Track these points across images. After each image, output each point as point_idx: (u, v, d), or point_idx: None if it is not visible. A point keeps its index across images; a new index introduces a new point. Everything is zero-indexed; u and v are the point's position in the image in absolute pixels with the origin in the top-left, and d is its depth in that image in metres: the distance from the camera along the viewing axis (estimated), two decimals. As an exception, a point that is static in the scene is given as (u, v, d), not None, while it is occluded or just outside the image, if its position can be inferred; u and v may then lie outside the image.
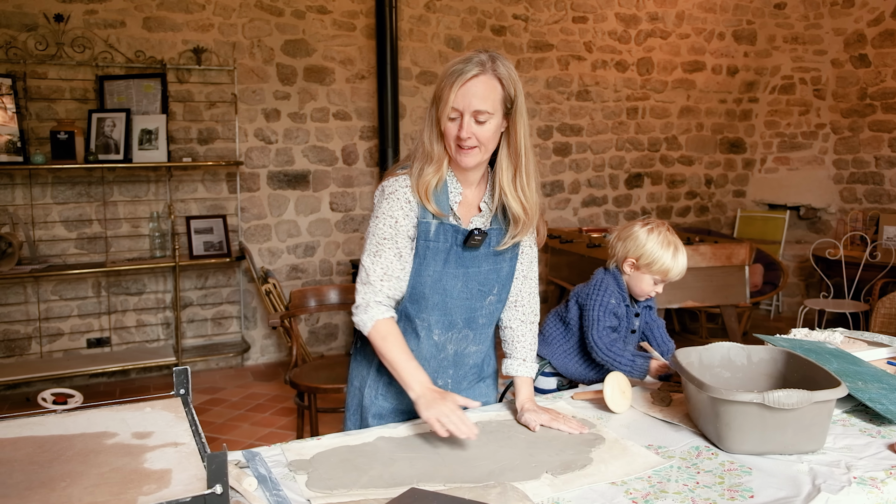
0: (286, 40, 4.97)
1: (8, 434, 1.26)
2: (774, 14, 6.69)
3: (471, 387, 1.86)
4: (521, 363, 1.82)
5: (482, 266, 1.70)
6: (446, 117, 1.57)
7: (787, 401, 1.46)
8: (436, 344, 1.74)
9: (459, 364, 1.79)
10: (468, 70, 1.55)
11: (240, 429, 3.91)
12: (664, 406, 1.83)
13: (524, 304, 1.83)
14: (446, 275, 1.67)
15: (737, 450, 1.53)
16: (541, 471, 1.44)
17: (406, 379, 1.61)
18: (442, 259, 1.66)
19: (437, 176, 1.64)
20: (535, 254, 1.83)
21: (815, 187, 6.75)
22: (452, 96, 1.55)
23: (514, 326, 1.83)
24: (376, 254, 1.65)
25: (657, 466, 1.47)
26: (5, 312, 4.43)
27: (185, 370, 1.47)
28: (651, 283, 2.05)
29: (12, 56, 4.24)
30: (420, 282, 1.66)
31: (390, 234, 1.64)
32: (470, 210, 1.71)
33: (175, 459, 1.16)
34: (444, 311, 1.70)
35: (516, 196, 1.65)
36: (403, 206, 1.64)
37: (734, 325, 4.58)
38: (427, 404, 1.54)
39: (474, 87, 1.55)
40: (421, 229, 1.64)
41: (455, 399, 1.55)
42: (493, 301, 1.75)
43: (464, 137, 1.56)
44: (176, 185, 4.75)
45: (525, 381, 1.80)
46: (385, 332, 1.64)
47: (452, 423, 1.49)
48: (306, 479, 1.41)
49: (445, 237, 1.65)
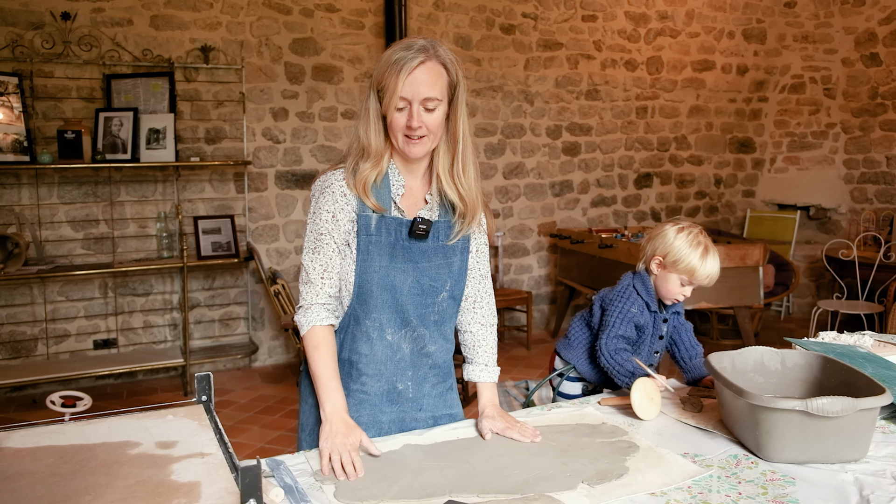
0: (294, 39, 4.93)
1: (26, 443, 1.22)
2: (784, 13, 6.63)
3: (440, 394, 1.74)
4: (484, 368, 1.74)
5: (432, 260, 1.62)
6: (394, 108, 1.50)
7: (831, 408, 1.41)
8: (390, 345, 1.64)
9: (418, 365, 1.68)
10: (413, 57, 1.49)
11: (249, 431, 3.86)
12: (695, 412, 1.78)
13: (483, 306, 1.75)
14: (394, 269, 1.59)
15: (777, 458, 1.48)
16: (576, 481, 1.39)
17: (322, 397, 1.54)
18: (388, 253, 1.58)
19: (375, 171, 1.57)
20: (487, 252, 1.76)
21: (826, 187, 6.69)
22: (400, 85, 1.48)
23: (475, 330, 1.75)
24: (315, 250, 1.59)
25: (696, 476, 1.42)
26: (12, 313, 4.38)
27: (206, 376, 1.43)
28: (678, 285, 1.97)
29: (19, 55, 4.20)
30: (366, 279, 1.58)
31: (328, 230, 1.58)
32: (415, 203, 1.64)
33: (203, 471, 1.11)
34: (394, 308, 1.61)
35: (453, 184, 1.60)
36: (338, 199, 1.57)
37: (748, 326, 4.53)
38: (328, 434, 1.46)
39: (422, 75, 1.49)
40: (361, 223, 1.57)
41: (358, 438, 1.47)
42: (445, 297, 1.66)
43: (415, 127, 1.50)
44: (183, 184, 4.70)
45: (487, 386, 1.73)
46: (318, 342, 1.57)
47: (337, 463, 1.40)
48: (334, 489, 1.36)
49: (388, 230, 1.58)
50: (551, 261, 6.01)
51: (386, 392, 1.67)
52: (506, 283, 5.82)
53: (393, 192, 1.60)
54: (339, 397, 1.55)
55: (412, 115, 1.50)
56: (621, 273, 2.12)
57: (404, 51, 1.50)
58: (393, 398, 1.68)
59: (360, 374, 1.65)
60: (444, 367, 1.74)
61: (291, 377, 4.77)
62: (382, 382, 1.66)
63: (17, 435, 1.25)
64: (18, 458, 1.15)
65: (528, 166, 5.84)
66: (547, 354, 5.32)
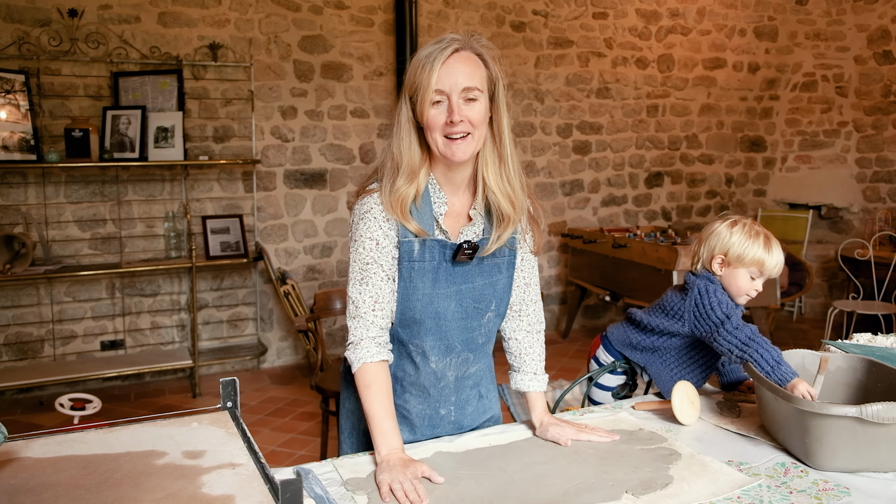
0: (303, 36, 4.86)
1: (47, 453, 1.15)
2: (796, 10, 6.57)
3: (478, 410, 1.68)
4: (533, 377, 1.66)
5: (476, 281, 1.52)
6: (429, 103, 1.38)
7: (887, 415, 1.35)
8: (433, 372, 1.56)
9: (461, 389, 1.62)
10: (446, 47, 1.39)
11: (261, 434, 3.79)
12: (734, 417, 1.72)
13: (529, 314, 1.66)
14: (437, 296, 1.49)
15: (828, 467, 1.42)
16: (620, 491, 1.33)
17: (377, 439, 1.43)
18: (430, 279, 1.48)
19: (412, 187, 1.44)
20: (534, 260, 1.66)
21: (838, 186, 6.62)
22: (434, 77, 1.37)
23: (520, 338, 1.66)
24: (363, 281, 1.47)
25: (745, 486, 1.36)
26: (18, 314, 4.32)
27: (232, 381, 1.36)
28: (748, 280, 1.83)
29: (25, 52, 4.14)
30: (409, 306, 1.49)
31: (374, 258, 1.46)
32: (458, 220, 1.52)
33: (236, 483, 1.05)
34: (438, 335, 1.52)
35: (504, 190, 1.48)
36: (382, 224, 1.46)
37: (765, 327, 4.46)
38: (386, 468, 1.36)
39: (457, 64, 1.39)
40: (404, 249, 1.46)
41: (419, 470, 1.36)
42: (491, 318, 1.58)
43: (456, 121, 1.38)
44: (192, 183, 4.64)
45: (538, 396, 1.65)
46: (370, 380, 1.46)
47: (400, 491, 1.30)
48: (366, 500, 1.30)
49: (432, 255, 1.47)
50: (562, 261, 5.94)
51: (428, 417, 1.61)
52: (516, 284, 5.75)
53: (435, 211, 1.49)
54: (396, 438, 1.44)
55: (452, 109, 1.38)
56: (635, 273, 2.01)
57: (435, 45, 1.41)
58: (434, 423, 1.62)
59: (403, 391, 1.59)
60: (483, 384, 1.68)
61: (301, 379, 4.70)
62: (425, 406, 1.60)
63: (37, 444, 1.19)
64: (40, 468, 1.09)
65: (539, 165, 5.77)
66: (558, 355, 5.25)
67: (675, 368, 1.90)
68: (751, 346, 1.65)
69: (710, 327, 1.78)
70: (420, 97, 1.40)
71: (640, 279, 4.64)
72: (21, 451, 1.16)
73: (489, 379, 1.72)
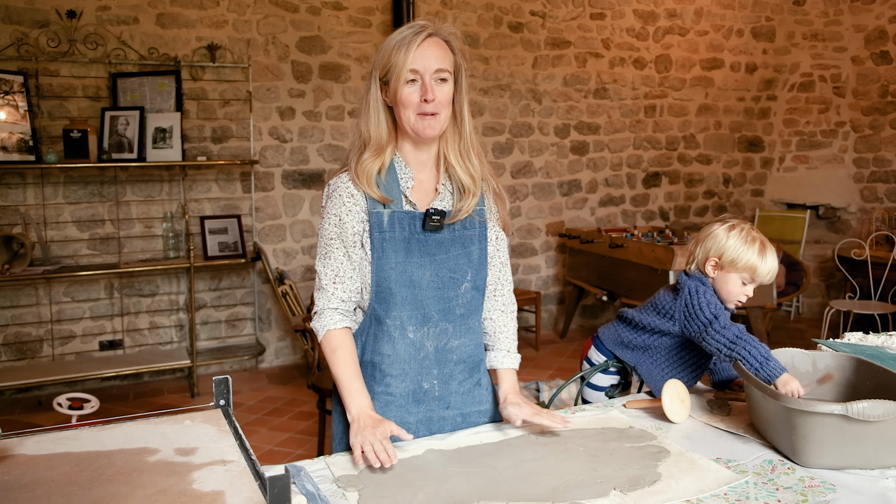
0: (301, 37, 4.88)
1: (41, 450, 1.17)
2: (794, 11, 6.58)
3: (468, 391, 1.68)
4: (506, 354, 1.73)
5: (450, 251, 1.60)
6: (404, 82, 1.49)
7: (872, 412, 1.36)
8: (412, 343, 1.60)
9: (443, 361, 1.64)
10: (419, 32, 1.50)
11: (258, 433, 3.81)
12: (724, 415, 1.73)
13: (503, 294, 1.75)
14: (411, 265, 1.56)
15: (815, 464, 1.43)
16: (608, 487, 1.34)
17: (346, 399, 1.52)
18: (403, 248, 1.56)
19: (378, 160, 1.55)
20: (506, 241, 1.76)
21: (835, 186, 6.64)
22: (410, 58, 1.47)
23: (495, 317, 1.74)
24: (325, 256, 1.59)
25: (732, 482, 1.37)
26: (17, 314, 4.34)
27: (225, 379, 1.38)
28: (739, 284, 1.86)
29: (24, 53, 4.16)
30: (384, 276, 1.56)
31: (336, 234, 1.56)
32: (427, 194, 1.62)
33: (226, 480, 1.06)
34: (415, 304, 1.58)
35: (463, 165, 1.60)
36: (346, 201, 1.55)
37: (761, 327, 4.48)
38: (357, 430, 1.45)
39: (430, 48, 1.50)
40: (373, 221, 1.55)
41: (388, 428, 1.44)
42: (468, 289, 1.63)
43: (430, 99, 1.49)
44: (190, 184, 4.66)
45: (509, 373, 1.71)
46: (335, 345, 1.56)
47: (370, 452, 1.38)
48: (357, 496, 1.31)
49: (402, 225, 1.56)
50: (559, 261, 5.96)
51: (412, 392, 1.63)
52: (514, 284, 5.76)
53: (402, 186, 1.58)
54: (364, 397, 1.53)
55: (426, 87, 1.49)
56: (631, 273, 2.04)
57: (407, 30, 1.51)
58: (419, 398, 1.64)
59: (384, 376, 1.61)
60: (470, 362, 1.69)
61: (299, 378, 4.72)
62: (407, 382, 1.62)
63: (31, 441, 1.20)
64: (33, 465, 1.11)
65: (537, 165, 5.79)
66: (556, 355, 5.27)
67: (666, 368, 1.92)
68: (738, 343, 1.66)
69: (698, 327, 1.80)
70: (395, 76, 1.49)
71: (637, 279, 4.65)
72: (15, 448, 1.17)
73: (483, 367, 1.74)
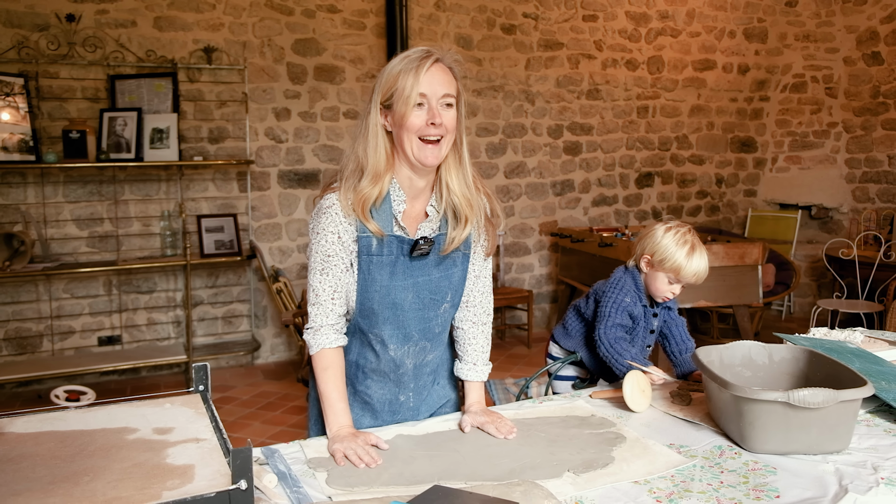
0: (296, 39, 4.97)
1: (29, 429, 1.26)
2: (786, 12, 6.65)
3: (431, 395, 1.78)
4: (472, 367, 1.75)
5: (432, 274, 1.61)
6: (412, 106, 1.48)
7: (812, 399, 1.44)
8: (393, 360, 1.66)
9: (419, 376, 1.72)
10: (426, 57, 1.50)
11: (251, 427, 3.90)
12: (684, 405, 1.82)
13: (476, 304, 1.74)
14: (395, 287, 1.58)
15: (760, 449, 1.51)
16: (562, 469, 1.43)
17: (329, 417, 1.56)
18: (388, 272, 1.57)
19: (376, 189, 1.53)
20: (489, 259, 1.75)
21: (827, 186, 6.70)
22: (419, 82, 1.47)
23: (466, 328, 1.75)
24: (323, 272, 1.57)
25: (680, 466, 1.46)
26: (17, 310, 4.44)
27: (204, 366, 1.46)
28: (666, 283, 2.02)
29: (24, 56, 4.25)
30: (368, 297, 1.58)
31: (335, 251, 1.55)
32: (417, 217, 1.61)
33: (197, 455, 1.15)
34: (396, 324, 1.62)
35: (464, 193, 1.59)
36: (342, 220, 1.55)
37: (747, 325, 4.55)
38: (337, 440, 1.50)
39: (437, 73, 1.50)
40: (362, 244, 1.55)
41: (369, 438, 1.51)
42: (447, 308, 1.68)
43: (437, 123, 1.49)
44: (187, 183, 4.76)
45: (475, 386, 1.74)
46: (327, 364, 1.59)
47: (355, 454, 1.44)
48: (326, 476, 1.40)
49: (390, 249, 1.56)
50: (552, 260, 6.04)
51: (388, 402, 1.71)
52: (507, 282, 5.85)
53: (394, 209, 1.58)
54: (346, 417, 1.57)
55: (433, 111, 1.49)
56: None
57: (413, 54, 1.52)
58: (395, 408, 1.72)
59: (365, 377, 1.70)
60: (440, 370, 1.79)
61: (293, 374, 4.81)
62: (385, 391, 1.70)
63: (21, 421, 1.29)
64: (21, 442, 1.20)
65: (530, 166, 5.87)
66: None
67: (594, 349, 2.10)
68: (613, 348, 1.99)
69: (599, 315, 2.05)
70: (401, 99, 1.49)
71: (626, 277, 4.73)
72: (5, 427, 1.26)
73: (446, 367, 1.81)
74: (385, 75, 1.52)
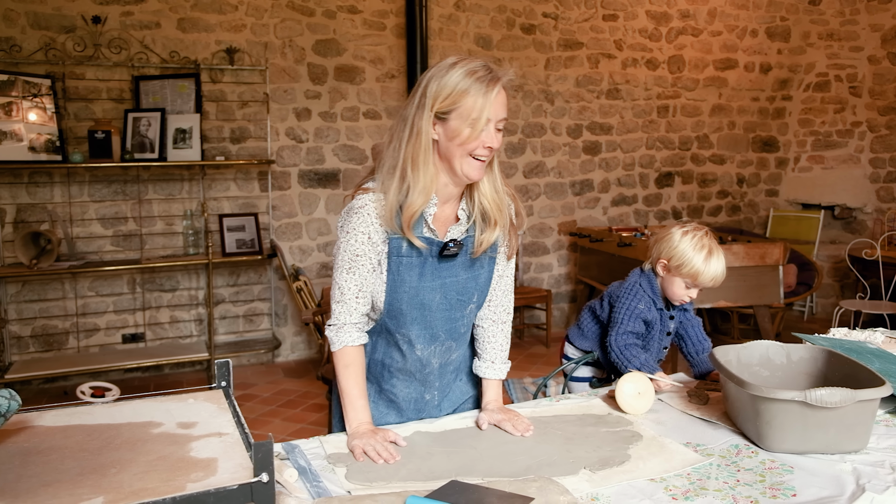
0: (317, 40, 5.02)
1: (58, 422, 1.30)
2: (809, 10, 6.58)
3: (454, 393, 1.81)
4: (490, 365, 1.76)
5: (459, 275, 1.63)
6: (479, 129, 1.47)
7: (829, 399, 1.44)
8: (419, 359, 1.68)
9: (444, 374, 1.75)
10: (495, 78, 1.48)
11: (272, 424, 3.95)
12: (701, 404, 1.82)
13: (497, 303, 1.75)
14: (423, 288, 1.60)
15: (777, 448, 1.52)
16: (578, 466, 1.44)
17: (350, 413, 1.59)
18: (417, 273, 1.59)
19: (424, 203, 1.53)
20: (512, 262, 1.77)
21: (851, 186, 6.63)
22: (489, 105, 1.46)
23: (486, 326, 1.76)
24: (350, 270, 1.58)
25: (696, 464, 1.46)
26: (44, 308, 4.53)
27: (226, 363, 1.49)
28: (683, 288, 2.01)
29: (51, 57, 4.34)
30: (397, 298, 1.60)
31: (364, 251, 1.57)
32: (447, 220, 1.63)
33: (220, 449, 1.18)
34: (424, 324, 1.64)
35: (494, 198, 1.61)
36: (374, 221, 1.55)
37: (768, 325, 4.52)
38: (356, 436, 1.53)
39: (500, 96, 1.50)
40: (393, 245, 1.57)
41: (388, 435, 1.54)
42: (472, 309, 1.70)
43: (495, 147, 1.51)
44: (209, 183, 4.82)
45: (492, 384, 1.76)
46: (349, 361, 1.61)
47: (374, 451, 1.47)
48: (345, 471, 1.42)
49: (420, 251, 1.58)
50: (571, 259, 6.03)
51: (414, 400, 1.74)
52: (526, 282, 5.86)
53: (425, 213, 1.58)
54: (366, 413, 1.60)
55: (492, 136, 1.50)
56: None
57: (483, 70, 1.48)
58: (420, 407, 1.75)
59: (391, 376, 1.72)
60: (462, 367, 1.81)
61: (313, 372, 4.86)
62: (411, 390, 1.73)
63: (49, 415, 1.33)
64: (49, 435, 1.23)
65: (549, 165, 5.87)
66: (566, 352, 5.35)
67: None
68: (625, 353, 2.00)
69: (612, 320, 2.05)
70: (467, 120, 1.47)
71: (645, 277, 4.71)
72: (34, 420, 1.30)
73: (467, 364, 1.83)
74: (444, 86, 1.48)
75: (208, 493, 1.00)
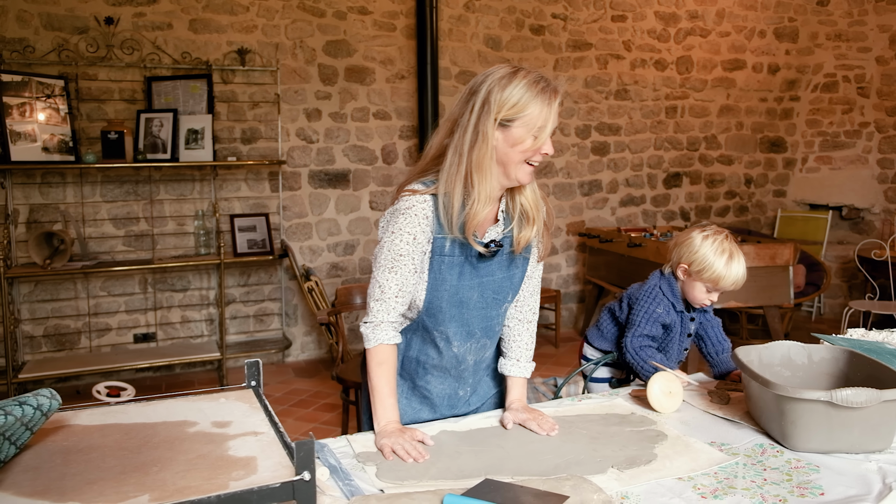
0: (328, 41, 5.03)
1: (93, 421, 1.31)
2: (817, 11, 6.59)
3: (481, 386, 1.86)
4: (515, 363, 1.80)
5: (496, 274, 1.68)
6: (543, 137, 1.53)
7: (855, 399, 1.46)
8: (455, 356, 1.73)
9: (477, 371, 1.81)
10: (556, 90, 1.55)
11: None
12: (723, 404, 1.83)
13: (524, 303, 1.79)
14: (463, 287, 1.65)
15: (802, 448, 1.53)
16: (606, 465, 1.45)
17: (379, 411, 1.61)
18: (457, 272, 1.64)
19: (488, 210, 1.60)
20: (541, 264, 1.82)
21: (859, 187, 6.63)
22: (553, 115, 1.53)
23: (512, 325, 1.80)
24: (392, 269, 1.61)
25: (722, 463, 1.47)
26: (57, 307, 4.55)
27: (256, 362, 1.51)
28: (703, 291, 2.02)
29: (64, 58, 4.36)
30: (437, 296, 1.64)
31: (408, 251, 1.60)
32: (486, 222, 1.67)
33: (258, 447, 1.19)
34: (461, 322, 1.68)
35: (533, 198, 1.66)
36: (421, 222, 1.59)
37: (778, 326, 4.53)
38: (384, 435, 1.55)
39: (557, 107, 1.56)
40: (436, 245, 1.62)
41: (415, 434, 1.56)
42: (506, 307, 1.76)
43: (550, 154, 1.56)
44: (220, 183, 4.84)
45: (517, 382, 1.79)
46: (382, 359, 1.64)
47: (403, 449, 1.49)
48: (375, 470, 1.44)
49: (461, 250, 1.63)
50: (580, 260, 6.04)
51: (447, 396, 1.78)
52: (534, 282, 5.86)
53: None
54: (395, 412, 1.62)
55: (549, 144, 1.56)
56: (650, 272, 2.17)
57: (544, 82, 1.55)
58: (453, 403, 1.79)
59: (426, 373, 1.75)
60: (493, 362, 1.85)
61: (324, 371, 4.87)
62: (445, 386, 1.77)
63: (84, 414, 1.34)
64: (87, 433, 1.25)
65: (557, 166, 5.88)
66: (575, 353, 5.35)
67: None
68: (639, 354, 2.02)
69: (630, 322, 2.07)
70: (531, 128, 1.52)
71: (655, 278, 4.73)
72: (71, 419, 1.32)
73: (494, 361, 1.87)
74: (511, 96, 1.52)
75: (252, 491, 1.02)
